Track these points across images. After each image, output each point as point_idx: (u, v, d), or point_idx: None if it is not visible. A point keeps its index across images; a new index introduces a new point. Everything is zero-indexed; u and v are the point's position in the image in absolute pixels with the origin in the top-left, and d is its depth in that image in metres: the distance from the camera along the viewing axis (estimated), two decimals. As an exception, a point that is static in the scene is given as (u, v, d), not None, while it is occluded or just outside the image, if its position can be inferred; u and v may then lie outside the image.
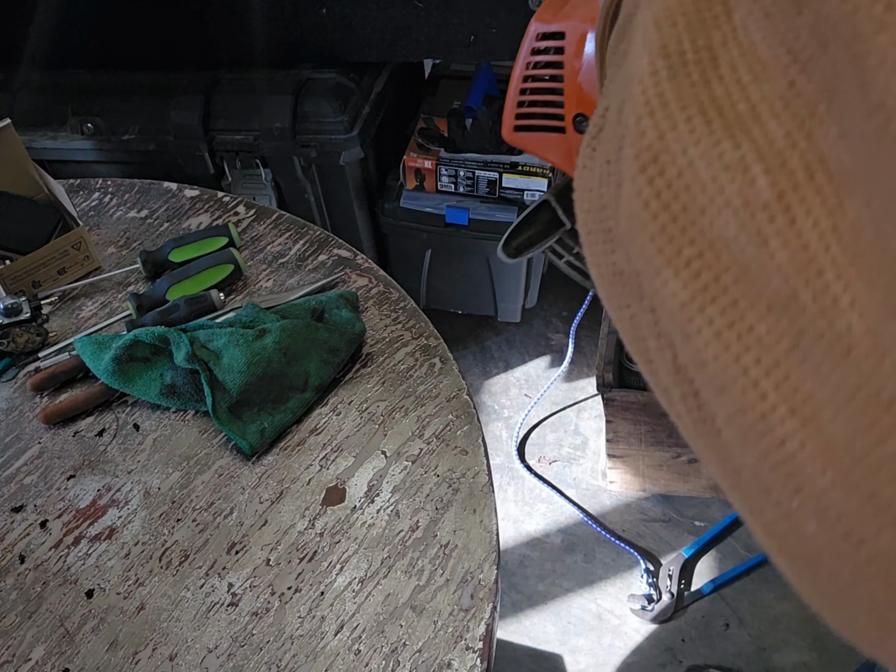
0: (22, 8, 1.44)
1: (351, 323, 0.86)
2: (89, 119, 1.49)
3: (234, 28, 1.44)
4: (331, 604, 0.68)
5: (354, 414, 0.82)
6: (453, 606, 0.67)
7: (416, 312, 0.90)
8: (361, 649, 0.65)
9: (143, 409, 0.83)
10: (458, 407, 0.81)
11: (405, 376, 0.84)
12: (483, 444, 0.78)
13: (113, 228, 1.04)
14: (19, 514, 0.76)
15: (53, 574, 0.71)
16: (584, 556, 1.46)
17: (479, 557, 0.70)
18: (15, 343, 0.87)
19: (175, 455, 0.79)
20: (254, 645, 0.66)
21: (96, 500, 0.76)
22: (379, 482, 0.76)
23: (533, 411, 1.66)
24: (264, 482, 0.77)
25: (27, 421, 0.83)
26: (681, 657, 1.32)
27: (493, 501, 0.74)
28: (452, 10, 1.33)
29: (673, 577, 1.39)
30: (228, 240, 0.97)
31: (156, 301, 0.91)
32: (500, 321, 1.80)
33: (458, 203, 1.54)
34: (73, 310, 0.94)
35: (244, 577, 0.70)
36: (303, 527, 0.73)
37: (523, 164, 1.49)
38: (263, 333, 0.82)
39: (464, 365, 1.76)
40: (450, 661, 0.64)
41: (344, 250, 0.99)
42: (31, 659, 0.66)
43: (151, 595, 0.69)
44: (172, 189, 1.09)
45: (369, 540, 0.72)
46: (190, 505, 0.75)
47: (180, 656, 0.65)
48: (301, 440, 0.80)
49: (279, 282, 0.95)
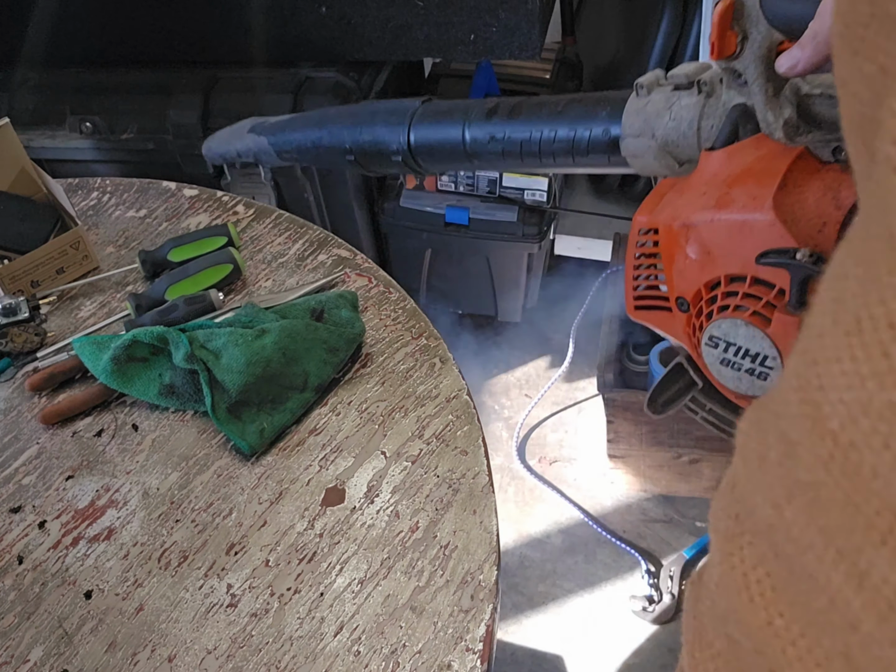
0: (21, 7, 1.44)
1: (351, 323, 0.86)
2: (88, 118, 1.48)
3: (233, 27, 1.44)
4: (330, 605, 0.67)
5: (354, 414, 0.81)
6: (453, 607, 0.66)
7: (416, 312, 0.90)
8: (361, 650, 0.65)
9: (142, 410, 0.83)
10: (458, 407, 0.81)
11: (405, 376, 0.84)
12: (483, 445, 0.78)
13: (112, 228, 1.04)
14: (17, 515, 0.75)
15: (52, 575, 0.71)
16: (585, 557, 1.45)
17: (480, 558, 0.69)
18: (13, 343, 0.87)
19: (174, 455, 0.79)
20: (253, 646, 0.65)
21: (95, 501, 0.76)
22: (379, 483, 0.75)
23: (533, 411, 1.66)
24: (263, 483, 0.76)
25: (25, 421, 0.83)
26: (681, 658, 1.32)
27: (493, 502, 0.74)
28: (452, 8, 1.32)
29: (674, 577, 1.39)
30: (227, 239, 0.96)
31: (155, 301, 0.91)
32: (500, 321, 1.80)
33: (458, 202, 1.54)
34: (71, 310, 0.94)
35: (243, 577, 0.70)
36: (302, 527, 0.73)
37: (523, 163, 1.48)
38: (263, 333, 0.81)
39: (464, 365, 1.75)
40: (450, 662, 0.63)
41: (344, 250, 0.98)
42: (29, 660, 0.66)
43: (150, 596, 0.69)
44: (171, 188, 1.09)
45: (369, 541, 0.71)
46: (189, 505, 0.75)
47: (179, 657, 0.65)
48: (300, 440, 0.79)
49: (278, 282, 0.95)
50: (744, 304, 0.48)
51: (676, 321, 0.56)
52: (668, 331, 0.58)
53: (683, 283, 0.52)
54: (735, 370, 0.52)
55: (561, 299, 1.85)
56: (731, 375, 0.52)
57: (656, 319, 0.58)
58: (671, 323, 0.57)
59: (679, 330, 0.56)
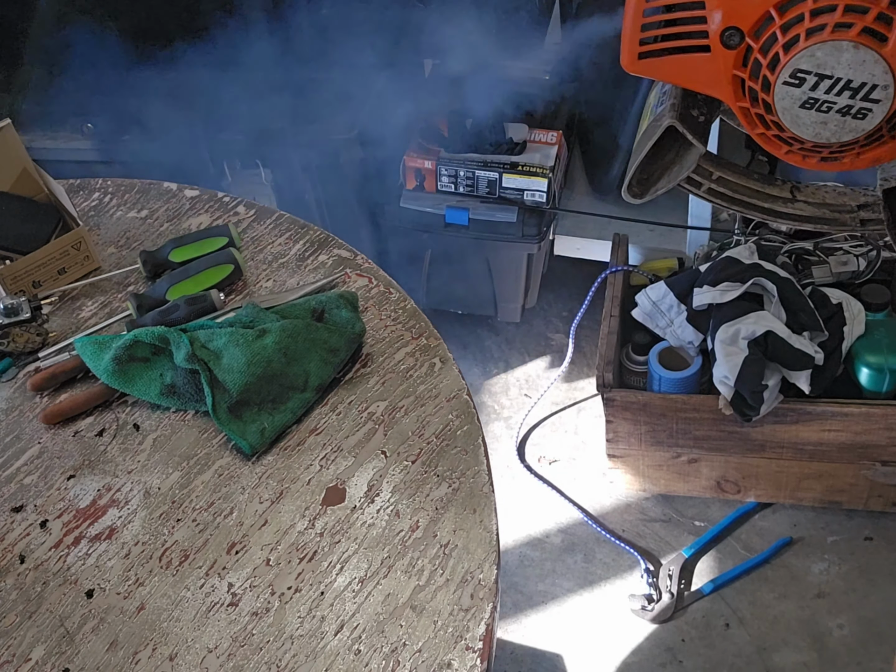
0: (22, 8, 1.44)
1: (351, 323, 0.86)
2: (89, 119, 1.48)
3: (233, 27, 1.44)
4: (331, 604, 0.68)
5: (354, 414, 0.81)
6: (453, 606, 0.67)
7: (416, 312, 0.90)
8: (361, 649, 0.65)
9: (143, 409, 0.83)
10: (458, 407, 0.81)
11: (405, 376, 0.84)
12: (483, 444, 0.78)
13: (113, 228, 1.04)
14: (19, 514, 0.76)
15: (53, 574, 0.71)
16: (584, 556, 1.46)
17: (479, 557, 0.70)
18: (15, 343, 0.87)
19: (175, 455, 0.79)
20: (254, 645, 0.66)
21: (96, 500, 0.76)
22: (379, 482, 0.76)
23: (533, 411, 1.66)
24: (264, 482, 0.77)
25: (27, 421, 0.83)
26: (681, 657, 1.32)
27: (493, 501, 0.74)
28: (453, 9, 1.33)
29: (673, 577, 1.39)
30: (228, 240, 0.97)
31: (156, 301, 0.91)
32: (500, 321, 1.80)
33: (457, 203, 1.54)
34: (73, 310, 0.94)
35: (244, 577, 0.70)
36: (303, 527, 0.73)
37: (523, 164, 1.49)
38: (263, 333, 0.82)
39: (464, 365, 1.76)
40: (450, 660, 0.64)
41: (344, 250, 0.99)
42: (31, 659, 0.66)
43: (151, 595, 0.69)
44: (172, 189, 1.09)
45: (369, 540, 0.72)
46: (190, 505, 0.75)
47: (180, 656, 0.65)
48: (301, 440, 0.80)
49: (279, 282, 0.95)
50: (847, 19, 0.37)
51: (713, 64, 0.45)
52: (689, 81, 0.47)
53: (740, 9, 0.42)
54: (822, 112, 0.42)
55: (561, 300, 1.85)
56: (813, 120, 0.43)
57: (672, 68, 0.47)
58: (700, 68, 0.45)
59: (715, 75, 0.45)
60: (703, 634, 1.34)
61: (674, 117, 0.49)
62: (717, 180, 0.54)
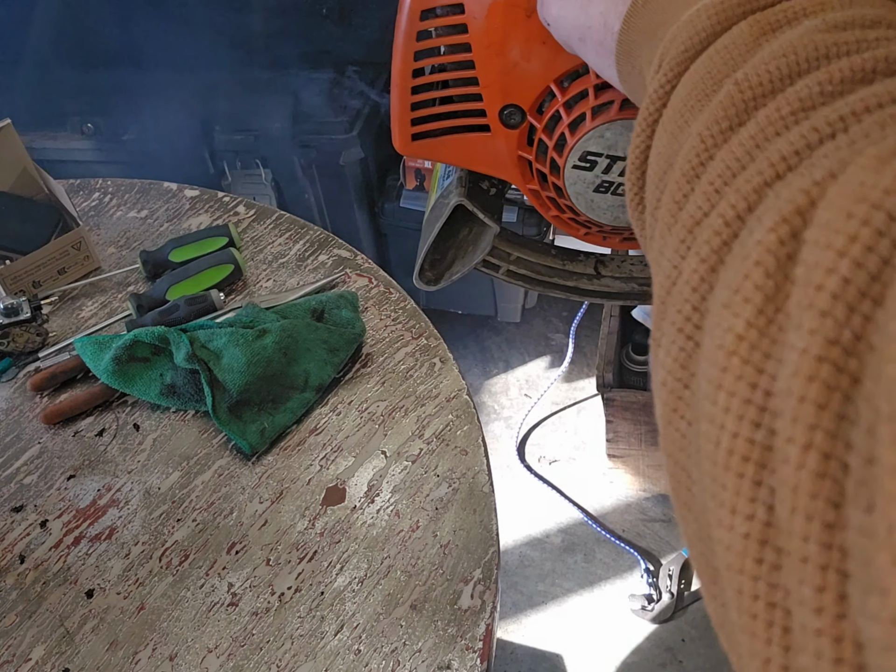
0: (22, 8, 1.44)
1: (351, 323, 0.86)
2: (89, 119, 1.49)
3: (233, 27, 1.44)
4: (331, 604, 0.68)
5: (354, 414, 0.82)
6: (453, 606, 0.67)
7: (416, 312, 0.91)
8: (361, 649, 0.65)
9: (143, 409, 0.83)
10: (458, 407, 0.81)
11: (405, 376, 0.84)
12: (483, 444, 0.78)
13: (113, 228, 1.04)
14: (19, 514, 0.76)
15: (53, 574, 0.71)
16: (584, 556, 1.46)
17: (479, 557, 0.70)
18: (15, 343, 0.87)
19: (175, 455, 0.79)
20: (254, 645, 0.66)
21: (96, 500, 0.76)
22: (379, 482, 0.76)
23: (533, 411, 1.66)
24: (264, 482, 0.77)
25: (27, 421, 0.83)
26: (681, 657, 1.32)
27: (493, 501, 0.74)
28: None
29: (673, 576, 1.39)
30: (228, 240, 0.97)
31: (156, 301, 0.91)
32: (500, 321, 1.80)
33: (457, 203, 1.54)
34: (73, 310, 0.94)
35: (244, 576, 0.70)
36: (303, 527, 0.73)
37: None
38: (263, 333, 0.82)
39: (464, 365, 1.76)
40: (450, 661, 0.64)
41: (344, 250, 0.99)
42: (31, 659, 0.66)
43: (151, 595, 0.69)
44: (172, 189, 1.09)
45: (369, 540, 0.72)
46: (190, 505, 0.75)
47: (180, 656, 0.65)
48: (301, 440, 0.80)
49: (279, 282, 0.95)
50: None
51: (495, 144, 0.40)
52: (471, 162, 0.42)
53: (517, 84, 0.37)
54: (619, 195, 0.37)
55: (561, 299, 1.85)
56: (609, 204, 0.38)
57: (451, 149, 0.42)
58: (482, 149, 0.41)
59: (498, 156, 0.41)
60: (703, 634, 1.34)
61: (461, 194, 0.43)
62: (516, 261, 0.48)
